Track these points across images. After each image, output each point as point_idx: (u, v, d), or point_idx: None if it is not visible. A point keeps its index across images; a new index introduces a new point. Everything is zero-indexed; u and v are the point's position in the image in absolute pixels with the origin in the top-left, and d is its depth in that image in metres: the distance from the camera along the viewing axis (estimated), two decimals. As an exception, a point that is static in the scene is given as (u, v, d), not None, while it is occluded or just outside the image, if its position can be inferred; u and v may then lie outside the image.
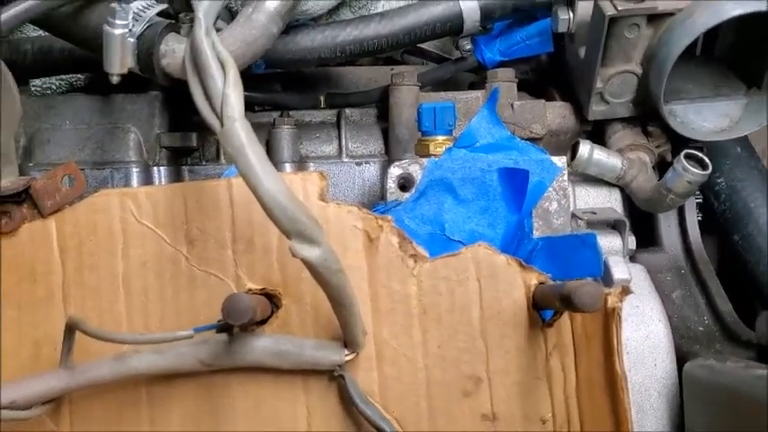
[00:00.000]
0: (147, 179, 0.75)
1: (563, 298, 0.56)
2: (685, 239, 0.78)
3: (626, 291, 0.60)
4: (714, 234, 0.94)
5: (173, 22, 0.63)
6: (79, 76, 0.83)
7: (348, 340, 0.62)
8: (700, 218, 0.83)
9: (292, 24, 0.73)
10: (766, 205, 0.87)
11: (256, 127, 0.54)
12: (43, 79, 0.80)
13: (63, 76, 0.82)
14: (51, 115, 0.75)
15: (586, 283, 0.53)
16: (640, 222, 0.81)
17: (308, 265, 0.53)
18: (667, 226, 0.79)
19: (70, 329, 0.58)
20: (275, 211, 0.51)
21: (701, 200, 0.84)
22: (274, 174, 0.52)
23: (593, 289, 0.53)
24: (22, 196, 0.63)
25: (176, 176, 0.78)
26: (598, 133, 0.79)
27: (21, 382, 0.57)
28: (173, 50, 0.60)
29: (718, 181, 0.87)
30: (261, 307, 0.60)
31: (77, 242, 0.65)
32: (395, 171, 0.68)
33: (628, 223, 0.71)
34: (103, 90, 0.78)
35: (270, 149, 0.78)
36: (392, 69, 0.87)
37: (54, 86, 0.81)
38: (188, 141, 0.78)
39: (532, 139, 0.77)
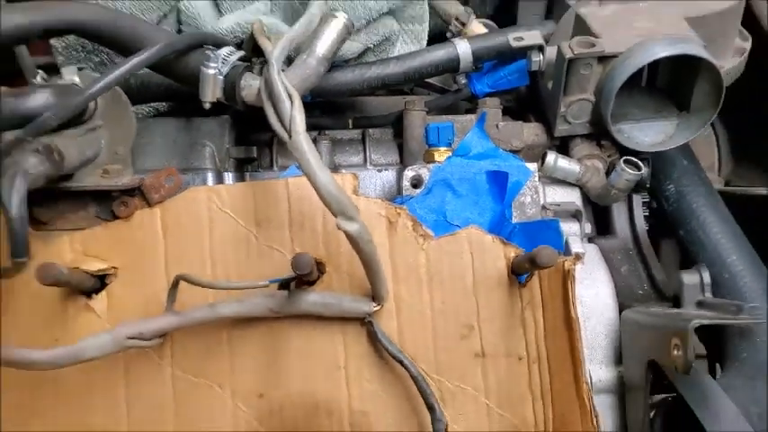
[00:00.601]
0: (219, 182, 0.89)
1: (530, 260, 0.73)
2: (633, 228, 0.93)
3: (578, 258, 0.76)
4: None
5: (248, 64, 0.80)
6: (164, 104, 0.98)
7: (375, 295, 0.77)
8: (646, 213, 0.97)
9: (331, 65, 0.85)
10: (706, 205, 0.97)
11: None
12: (137, 105, 0.95)
13: (152, 104, 0.97)
14: (146, 134, 0.88)
15: (545, 247, 0.73)
16: (599, 215, 0.97)
17: (349, 236, 0.70)
18: (619, 218, 0.94)
19: (176, 283, 0.76)
20: (327, 197, 0.69)
21: (647, 200, 0.97)
22: (326, 170, 0.69)
23: (550, 251, 0.72)
24: (136, 191, 0.79)
25: (241, 180, 0.92)
26: (563, 146, 0.94)
27: (142, 322, 0.72)
28: (249, 85, 0.77)
29: (669, 187, 1.00)
30: (313, 269, 0.79)
31: (175, 225, 0.80)
32: (409, 173, 0.85)
33: (584, 213, 0.88)
34: (184, 114, 0.92)
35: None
36: (405, 98, 0.99)
37: (144, 111, 0.97)
38: (249, 153, 0.93)
39: (513, 151, 0.91)
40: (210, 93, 0.78)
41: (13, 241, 0.61)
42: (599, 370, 0.79)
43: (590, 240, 0.91)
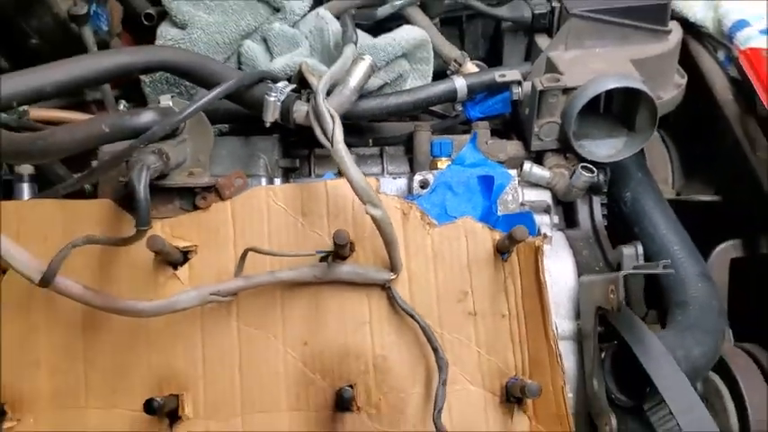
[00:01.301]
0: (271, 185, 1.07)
1: (509, 236, 0.93)
2: (593, 222, 1.14)
3: (545, 237, 0.96)
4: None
5: (298, 94, 1.01)
6: (226, 126, 1.18)
7: (392, 266, 0.94)
8: (605, 212, 1.17)
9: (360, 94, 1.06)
10: (655, 208, 1.19)
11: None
12: None
13: (217, 126, 1.16)
14: (216, 148, 1.07)
15: (520, 226, 0.93)
16: (567, 212, 1.18)
17: (374, 218, 0.89)
18: (582, 214, 1.15)
19: (244, 255, 0.93)
20: (358, 189, 0.88)
21: (606, 202, 1.18)
22: (358, 170, 0.88)
23: (523, 228, 0.91)
24: (212, 189, 0.98)
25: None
26: (538, 158, 1.14)
27: (220, 284, 0.91)
28: (300, 109, 0.98)
29: (626, 194, 1.21)
30: (347, 243, 0.94)
31: (241, 214, 0.98)
32: (418, 177, 1.05)
33: (553, 209, 1.09)
34: (242, 134, 1.13)
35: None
36: (414, 123, 1.18)
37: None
38: (294, 164, 1.14)
39: (498, 162, 1.11)
40: (271, 115, 1.00)
41: (139, 214, 0.85)
42: (563, 322, 1.00)
43: (559, 230, 1.12)
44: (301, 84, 1.03)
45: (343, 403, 0.91)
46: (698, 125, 1.35)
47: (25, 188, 1.12)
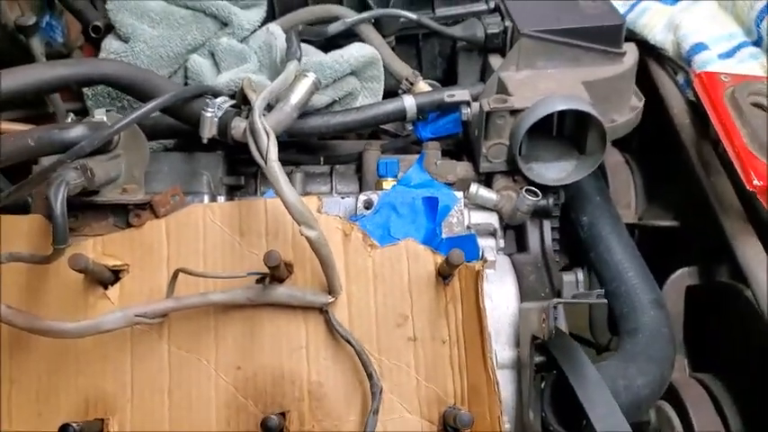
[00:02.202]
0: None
1: (446, 260, 0.92)
2: (542, 246, 1.11)
3: (485, 261, 0.93)
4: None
5: (238, 110, 0.99)
6: (170, 141, 1.16)
7: (331, 289, 0.92)
8: (556, 237, 1.15)
9: (304, 112, 1.05)
10: (611, 233, 1.17)
11: (281, 174, 0.91)
12: (150, 142, 1.08)
13: (162, 141, 1.16)
14: (156, 164, 1.05)
15: (455, 250, 0.91)
16: (518, 235, 1.15)
17: (310, 240, 0.87)
18: (532, 238, 1.12)
19: (175, 275, 0.90)
20: (292, 209, 0.86)
21: (557, 225, 1.15)
22: (293, 189, 0.86)
23: (458, 252, 0.90)
24: (147, 206, 0.96)
25: (230, 202, 1.08)
26: (488, 179, 1.11)
27: (148, 304, 0.89)
28: (238, 125, 0.95)
29: (583, 218, 1.20)
30: (282, 268, 0.93)
31: (177, 233, 0.96)
32: (362, 197, 1.02)
33: (499, 231, 1.07)
34: (186, 149, 1.11)
35: (289, 188, 1.13)
36: (366, 142, 1.17)
37: (154, 147, 1.14)
38: (238, 182, 1.11)
39: (448, 183, 1.09)
40: (208, 131, 0.98)
41: (55, 231, 0.82)
42: (503, 350, 0.97)
43: (506, 254, 1.10)
44: (243, 100, 1.00)
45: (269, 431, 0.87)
46: (659, 149, 1.33)
47: (-40, 202, 1.09)
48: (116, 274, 0.96)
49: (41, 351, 0.94)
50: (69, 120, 1.19)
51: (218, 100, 0.99)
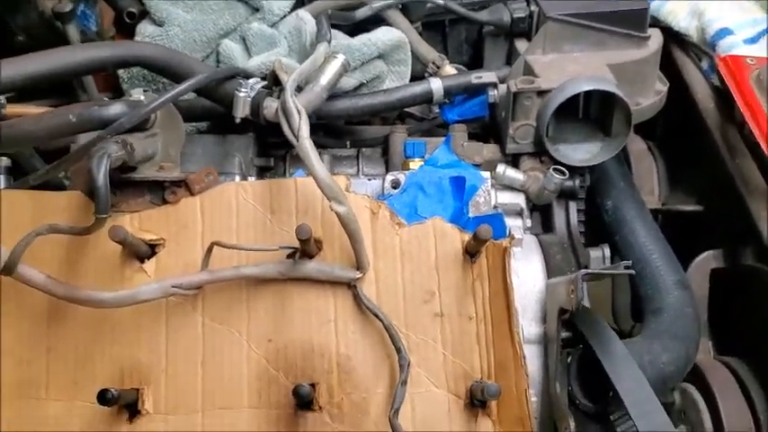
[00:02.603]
0: (244, 183, 1.08)
1: (474, 236, 0.93)
2: (568, 227, 1.12)
3: (513, 238, 0.95)
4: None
5: (269, 90, 1.01)
6: (204, 124, 1.19)
7: (359, 265, 0.93)
8: (582, 218, 1.17)
9: (332, 94, 1.07)
10: (636, 217, 1.18)
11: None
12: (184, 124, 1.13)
13: (195, 124, 1.19)
14: (190, 146, 1.09)
15: (483, 225, 0.93)
16: (544, 216, 1.17)
17: (339, 216, 0.89)
18: (559, 219, 1.13)
19: (210, 248, 0.92)
20: (322, 185, 0.88)
21: (583, 207, 1.16)
22: (323, 166, 0.88)
23: (486, 227, 0.91)
24: (182, 183, 0.98)
25: (261, 183, 1.10)
26: (515, 161, 1.13)
27: (183, 276, 0.91)
28: (270, 105, 0.97)
29: (608, 202, 1.20)
30: (312, 243, 0.95)
31: (211, 210, 0.97)
32: (389, 177, 1.05)
33: (525, 212, 1.08)
34: (220, 132, 1.14)
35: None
36: (392, 126, 1.20)
37: (188, 129, 1.16)
38: (268, 163, 1.14)
39: (475, 165, 1.11)
40: (241, 111, 1.00)
41: (97, 201, 0.85)
42: (529, 326, 0.98)
43: (532, 234, 1.10)
44: (274, 82, 1.02)
45: (300, 400, 0.89)
46: (683, 135, 1.34)
47: (1, 179, 1.12)
48: (152, 249, 0.98)
49: (79, 321, 0.96)
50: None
51: (251, 81, 1.01)
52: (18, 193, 1.00)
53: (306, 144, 0.90)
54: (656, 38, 1.19)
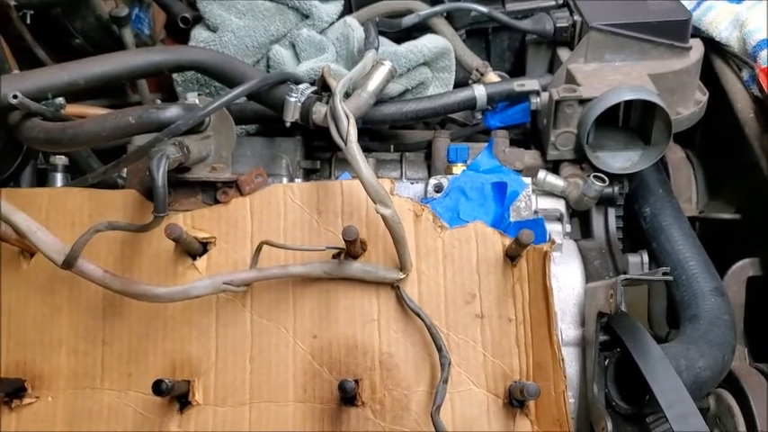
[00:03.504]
0: (291, 185, 1.11)
1: (515, 240, 0.95)
2: (607, 233, 1.14)
3: (553, 243, 0.96)
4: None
5: (318, 96, 1.03)
6: (252, 127, 1.22)
7: (402, 266, 0.95)
8: (620, 225, 1.18)
9: (378, 100, 1.08)
10: (673, 224, 1.19)
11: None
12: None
13: (244, 127, 1.22)
14: (240, 148, 1.12)
15: (525, 230, 0.95)
16: (583, 222, 1.19)
17: (384, 218, 0.90)
18: (597, 225, 1.15)
19: (259, 247, 0.95)
20: (369, 188, 0.90)
21: (621, 214, 1.18)
22: (369, 169, 0.90)
23: (528, 232, 0.92)
24: (233, 184, 1.00)
25: (307, 185, 1.13)
26: (555, 167, 1.14)
27: (234, 273, 0.93)
28: (319, 110, 1.00)
29: (646, 210, 1.22)
30: (358, 244, 0.96)
31: (259, 210, 1.00)
32: (433, 181, 1.07)
33: (565, 217, 1.09)
34: (267, 134, 1.17)
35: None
36: (435, 130, 1.22)
37: (238, 132, 1.17)
38: (314, 165, 1.16)
39: (516, 171, 1.12)
40: (291, 115, 1.02)
41: (156, 201, 0.88)
42: (568, 329, 0.99)
43: (571, 239, 1.12)
44: (323, 87, 1.05)
45: (344, 394, 0.92)
46: (722, 144, 1.34)
47: (58, 177, 1.16)
48: (204, 246, 1.01)
49: (133, 316, 1.00)
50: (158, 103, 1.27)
51: (301, 86, 1.04)
52: (77, 191, 1.04)
53: (354, 148, 0.92)
54: (697, 48, 1.19)
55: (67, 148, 1.04)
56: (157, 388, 0.89)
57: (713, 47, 1.32)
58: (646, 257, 1.06)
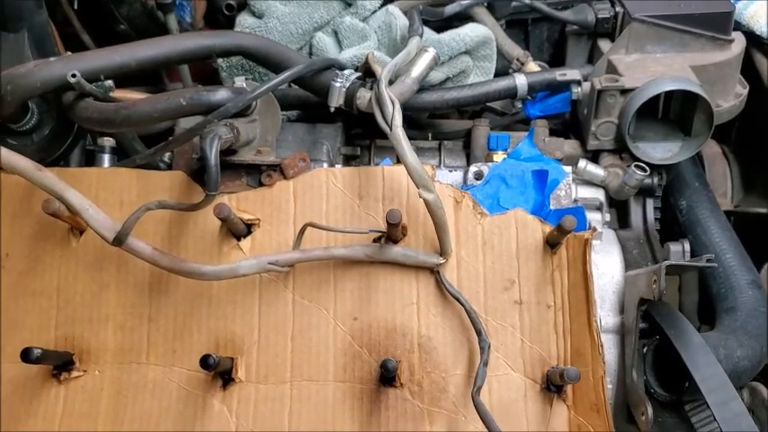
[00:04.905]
0: (332, 170, 1.12)
1: (558, 227, 0.95)
2: (645, 223, 1.14)
3: (594, 230, 0.96)
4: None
5: (363, 81, 1.05)
6: (294, 113, 1.23)
7: (442, 251, 0.96)
8: (658, 216, 1.19)
9: (420, 87, 1.10)
10: (709, 217, 1.19)
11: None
12: None
13: (285, 113, 1.22)
14: (282, 134, 1.12)
15: (568, 216, 0.96)
16: (621, 214, 1.19)
17: (426, 202, 0.91)
18: (636, 216, 1.15)
19: (303, 230, 0.96)
20: (413, 172, 0.91)
21: (659, 206, 1.19)
22: (414, 154, 0.91)
23: (571, 218, 0.93)
24: (277, 168, 1.02)
25: (347, 171, 1.13)
26: (594, 157, 1.15)
27: (279, 254, 0.94)
28: (363, 96, 1.01)
29: (682, 202, 1.22)
30: (399, 228, 0.98)
31: (302, 193, 1.01)
32: (473, 168, 1.08)
33: (605, 206, 1.10)
34: (308, 121, 1.19)
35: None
36: (474, 120, 1.22)
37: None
38: (354, 152, 1.18)
39: (555, 160, 1.11)
40: (336, 100, 1.04)
41: (209, 179, 0.89)
42: (607, 316, 1.00)
43: (610, 228, 1.13)
44: (366, 73, 1.06)
45: (386, 373, 0.93)
46: (759, 138, 1.34)
47: (106, 158, 1.19)
48: (248, 228, 1.02)
49: (179, 294, 1.01)
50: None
51: (346, 72, 1.05)
52: (126, 171, 1.06)
53: (399, 132, 0.93)
54: (739, 41, 1.19)
55: (120, 128, 1.06)
56: (205, 362, 0.91)
57: (754, 41, 1.31)
58: (687, 246, 1.07)
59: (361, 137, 1.23)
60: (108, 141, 1.18)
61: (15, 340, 1.02)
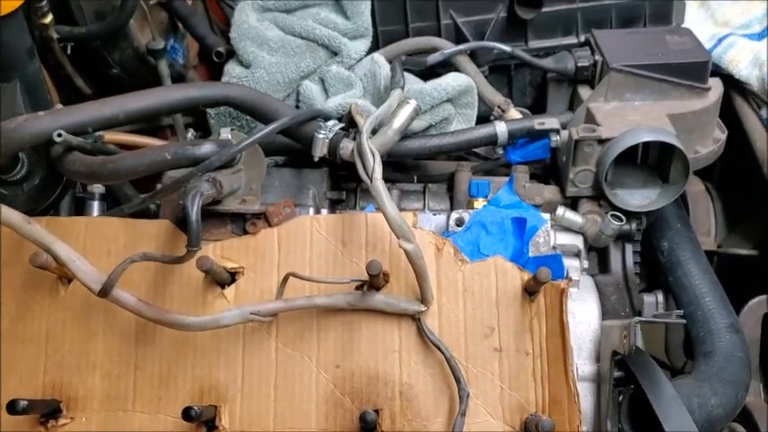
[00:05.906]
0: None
1: (534, 277, 0.97)
2: (624, 269, 1.14)
3: (571, 280, 0.99)
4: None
5: (346, 132, 1.06)
6: (280, 158, 1.25)
7: (423, 299, 0.97)
8: (637, 260, 1.19)
9: (403, 135, 1.12)
10: (690, 259, 1.20)
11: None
12: None
13: (273, 158, 1.23)
14: (268, 179, 1.14)
15: (543, 268, 0.97)
16: (601, 258, 1.19)
17: (407, 252, 0.92)
18: (615, 260, 1.15)
19: (285, 279, 0.97)
20: (393, 224, 0.92)
21: (639, 249, 1.18)
22: (394, 206, 0.92)
23: (546, 270, 0.95)
24: (262, 215, 1.03)
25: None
26: (574, 203, 1.16)
27: (261, 303, 0.96)
28: (346, 146, 1.03)
29: (663, 243, 1.23)
30: (381, 277, 0.98)
31: (287, 241, 1.02)
32: (454, 215, 1.09)
33: (583, 253, 1.11)
34: (295, 165, 1.20)
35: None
36: (457, 163, 1.24)
37: (267, 163, 1.17)
38: (340, 196, 1.18)
39: (535, 205, 1.13)
40: (319, 151, 1.06)
41: (190, 236, 0.91)
42: (584, 365, 1.01)
43: (588, 275, 1.13)
44: (350, 123, 1.08)
45: (366, 426, 0.94)
46: (740, 180, 1.36)
47: (95, 206, 1.21)
48: (233, 276, 1.04)
49: (164, 342, 1.03)
50: (190, 135, 1.31)
51: (329, 123, 1.07)
52: (113, 221, 1.07)
53: (378, 185, 0.95)
54: (716, 88, 1.21)
55: (107, 181, 1.09)
56: (187, 414, 0.92)
57: (733, 84, 1.33)
58: (661, 297, 1.08)
59: (346, 179, 1.24)
60: (98, 188, 1.21)
61: (4, 387, 1.03)
